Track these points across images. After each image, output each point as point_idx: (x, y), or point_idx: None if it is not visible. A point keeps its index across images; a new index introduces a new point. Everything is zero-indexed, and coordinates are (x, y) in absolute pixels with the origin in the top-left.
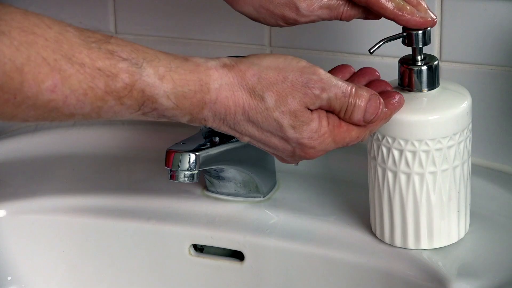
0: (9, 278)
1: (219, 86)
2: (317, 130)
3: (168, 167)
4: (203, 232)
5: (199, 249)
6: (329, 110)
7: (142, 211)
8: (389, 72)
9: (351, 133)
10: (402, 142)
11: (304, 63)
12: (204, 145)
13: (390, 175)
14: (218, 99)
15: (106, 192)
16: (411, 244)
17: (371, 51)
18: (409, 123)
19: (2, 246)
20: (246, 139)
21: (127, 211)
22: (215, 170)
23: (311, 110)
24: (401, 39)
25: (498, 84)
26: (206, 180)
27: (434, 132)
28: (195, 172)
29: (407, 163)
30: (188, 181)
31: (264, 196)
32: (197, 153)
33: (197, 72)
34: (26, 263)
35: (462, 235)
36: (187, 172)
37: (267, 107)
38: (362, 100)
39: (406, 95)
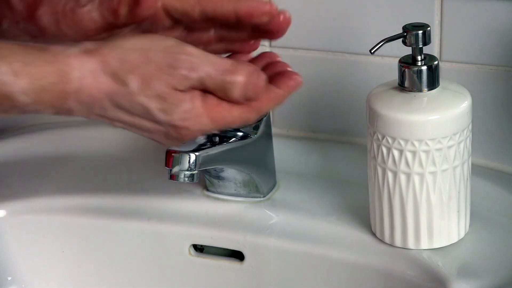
0: (9, 278)
1: (80, 74)
2: (189, 111)
3: (168, 167)
4: (203, 232)
5: (199, 249)
6: (206, 90)
7: (142, 211)
8: (389, 72)
9: (233, 113)
10: (402, 142)
11: (172, 41)
12: (204, 145)
13: (390, 175)
14: (81, 88)
15: (106, 192)
16: (411, 244)
17: (372, 51)
18: (409, 123)
19: (2, 246)
20: (118, 125)
21: (127, 211)
22: (215, 170)
23: (182, 91)
24: (401, 39)
25: (498, 84)
26: (206, 180)
27: (434, 132)
28: (195, 172)
29: (407, 163)
30: (188, 181)
31: (264, 196)
32: (197, 153)
33: (56, 62)
34: (26, 263)
35: (462, 235)
36: (187, 172)
37: (131, 92)
38: (240, 76)
39: (406, 95)
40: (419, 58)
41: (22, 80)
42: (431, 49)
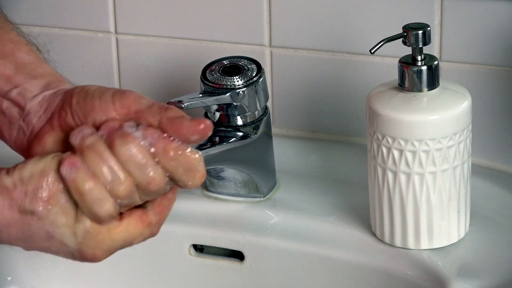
0: (9, 278)
1: None
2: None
3: None
4: (203, 232)
5: (199, 249)
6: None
7: None
8: (389, 72)
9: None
10: (402, 142)
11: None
12: (204, 145)
13: (390, 175)
14: None
15: None
16: (411, 244)
17: (372, 51)
18: (409, 123)
19: (2, 246)
20: (30, 250)
21: None
22: (215, 170)
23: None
24: (401, 39)
25: (498, 84)
26: (206, 180)
27: (434, 132)
28: None
29: (407, 163)
30: None
31: (264, 196)
32: None
33: None
34: (26, 263)
35: (462, 235)
36: None
37: (39, 217)
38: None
39: (406, 95)
40: (419, 58)
41: None
42: (431, 49)
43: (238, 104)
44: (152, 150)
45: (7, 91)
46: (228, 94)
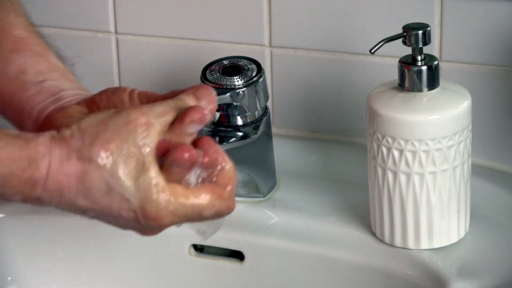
0: (9, 278)
1: (48, 161)
2: (156, 184)
3: None
4: None
5: (199, 249)
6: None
7: None
8: (389, 72)
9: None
10: (402, 142)
11: (126, 108)
12: None
13: (390, 175)
14: (49, 175)
15: None
16: (411, 244)
17: (372, 51)
18: (409, 123)
19: (2, 246)
20: (90, 215)
21: None
22: None
23: (147, 152)
24: (401, 39)
25: (498, 84)
26: None
27: (434, 132)
28: None
29: (407, 163)
30: None
31: (264, 196)
32: None
33: (27, 149)
34: (26, 263)
35: (462, 235)
36: None
37: (98, 164)
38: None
39: (406, 95)
40: (419, 58)
41: None
42: (431, 49)
43: (238, 104)
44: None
45: (40, 81)
46: (228, 94)
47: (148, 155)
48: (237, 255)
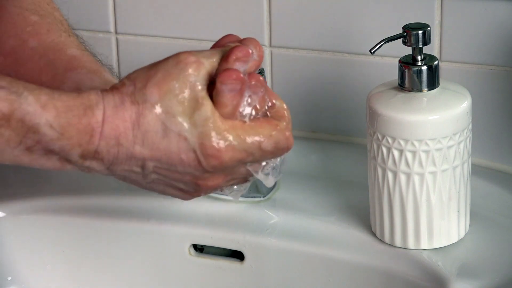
0: (9, 278)
1: (102, 107)
2: (210, 118)
3: None
4: (203, 232)
5: (199, 249)
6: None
7: (142, 211)
8: (389, 72)
9: (258, 129)
10: (402, 142)
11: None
12: None
13: (390, 175)
14: (105, 120)
15: (106, 192)
16: (411, 244)
17: (372, 51)
18: (409, 123)
19: (2, 246)
20: (149, 169)
21: (127, 211)
22: None
23: (199, 90)
24: (401, 39)
25: (498, 84)
26: None
27: (434, 132)
28: None
29: (407, 163)
30: None
31: (264, 196)
32: None
33: (80, 98)
34: (26, 263)
35: (462, 235)
36: None
37: (152, 103)
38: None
39: (406, 95)
40: (419, 58)
41: (48, 112)
42: (431, 49)
43: None
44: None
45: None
46: None
47: (200, 91)
48: (237, 255)
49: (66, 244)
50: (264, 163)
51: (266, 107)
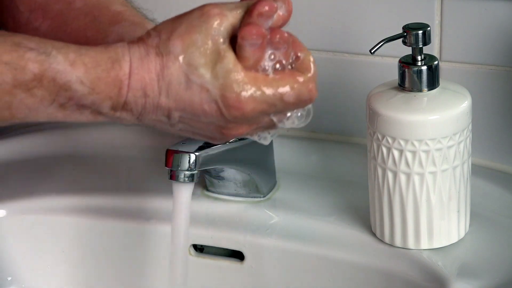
0: (9, 278)
1: (129, 59)
2: (234, 68)
3: (168, 167)
4: (203, 232)
5: (199, 249)
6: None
7: (142, 211)
8: (389, 72)
9: (280, 82)
10: (402, 142)
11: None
12: (204, 145)
13: (390, 175)
14: (132, 72)
15: (106, 192)
16: (411, 244)
17: (372, 51)
18: (409, 123)
19: (2, 246)
20: (175, 118)
21: (127, 211)
22: (215, 170)
23: (221, 42)
24: (401, 39)
25: (498, 84)
26: (206, 180)
27: (434, 132)
28: (195, 172)
29: (407, 163)
30: (188, 181)
31: (264, 196)
32: (197, 153)
33: (107, 52)
34: (26, 263)
35: (462, 235)
36: (187, 172)
37: (176, 55)
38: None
39: (406, 95)
40: (419, 58)
41: (78, 69)
42: (431, 49)
43: None
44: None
45: None
46: None
47: (222, 44)
48: (237, 255)
49: (66, 244)
50: (288, 114)
51: (291, 60)
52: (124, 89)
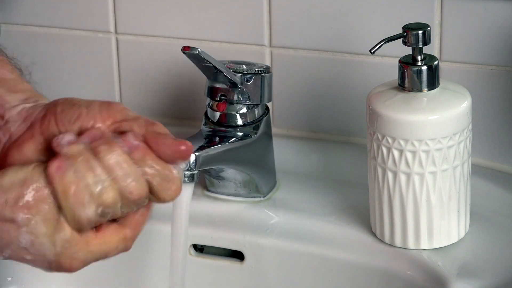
0: (9, 278)
1: None
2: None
3: None
4: (203, 232)
5: (199, 249)
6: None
7: None
8: (389, 72)
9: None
10: (402, 142)
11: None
12: (204, 145)
13: (390, 175)
14: None
15: None
16: (411, 244)
17: (372, 51)
18: (409, 123)
19: None
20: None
21: None
22: (215, 170)
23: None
24: (401, 39)
25: (498, 84)
26: (206, 180)
27: (434, 132)
28: (195, 172)
29: (407, 163)
30: (188, 181)
31: (264, 196)
32: (197, 153)
33: None
34: None
35: (462, 235)
36: (187, 172)
37: (20, 226)
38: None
39: (406, 95)
40: (419, 58)
41: None
42: (431, 49)
43: (244, 90)
44: (135, 155)
45: None
46: (238, 75)
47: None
48: (237, 255)
49: None
50: None
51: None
52: None
